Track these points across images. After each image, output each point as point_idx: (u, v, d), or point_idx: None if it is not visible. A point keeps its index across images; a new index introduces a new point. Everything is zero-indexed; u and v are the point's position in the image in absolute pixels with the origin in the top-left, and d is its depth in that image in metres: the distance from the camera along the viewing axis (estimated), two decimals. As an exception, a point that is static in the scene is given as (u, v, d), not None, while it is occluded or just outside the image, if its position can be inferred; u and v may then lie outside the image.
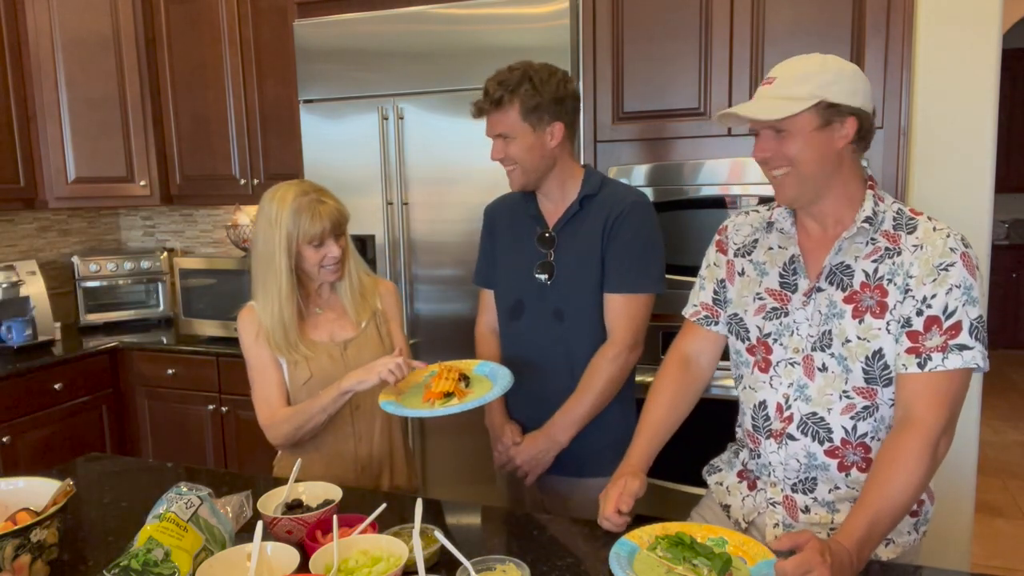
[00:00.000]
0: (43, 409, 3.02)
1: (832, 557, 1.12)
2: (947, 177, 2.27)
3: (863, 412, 1.36)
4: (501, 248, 1.95)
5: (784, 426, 1.42)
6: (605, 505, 1.42)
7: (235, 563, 1.24)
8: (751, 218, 1.56)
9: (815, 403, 1.39)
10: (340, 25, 2.75)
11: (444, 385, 1.59)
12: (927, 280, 1.29)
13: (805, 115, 1.30)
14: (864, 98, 1.33)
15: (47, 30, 3.26)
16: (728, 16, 2.31)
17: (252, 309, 1.79)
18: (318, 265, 1.74)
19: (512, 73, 1.73)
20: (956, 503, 2.33)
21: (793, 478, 1.43)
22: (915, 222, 1.35)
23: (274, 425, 1.75)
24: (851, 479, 1.39)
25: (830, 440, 1.38)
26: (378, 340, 1.85)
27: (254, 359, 1.78)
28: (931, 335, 1.28)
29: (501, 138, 1.76)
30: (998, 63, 2.19)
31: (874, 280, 1.34)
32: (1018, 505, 3.79)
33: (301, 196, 1.71)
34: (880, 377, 1.34)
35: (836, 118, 1.31)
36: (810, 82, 1.30)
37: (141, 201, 3.53)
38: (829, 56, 1.34)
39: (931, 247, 1.30)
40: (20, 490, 1.38)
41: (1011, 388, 5.72)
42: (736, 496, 1.53)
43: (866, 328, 1.33)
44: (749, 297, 1.48)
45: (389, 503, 1.45)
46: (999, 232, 6.53)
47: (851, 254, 1.37)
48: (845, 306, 1.35)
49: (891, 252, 1.34)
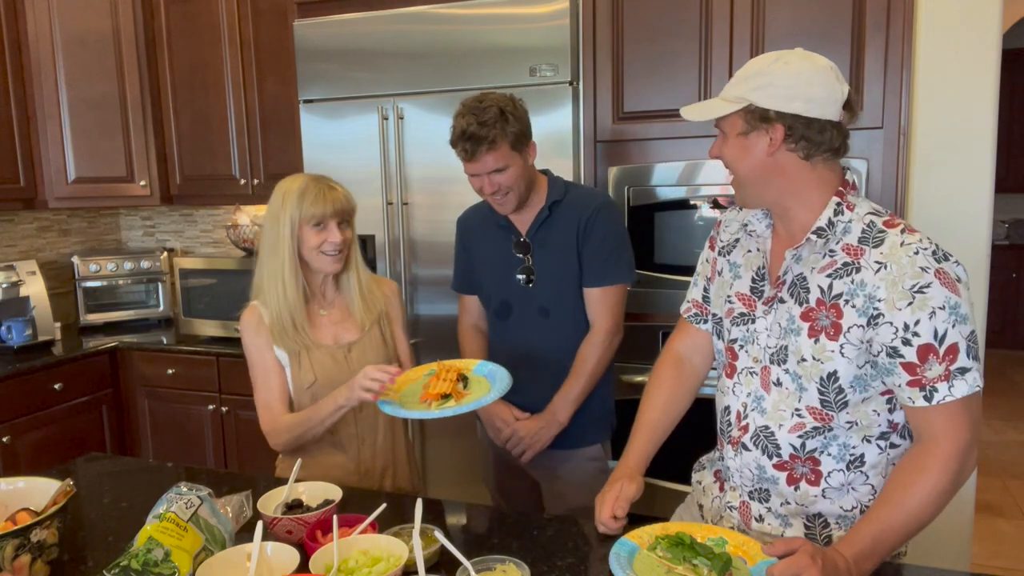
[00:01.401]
0: (43, 409, 3.02)
1: (824, 560, 1.11)
2: (947, 177, 2.27)
3: (812, 432, 1.31)
4: (480, 256, 2.06)
5: (740, 435, 1.40)
6: (601, 510, 1.42)
7: (235, 563, 1.24)
8: (740, 215, 1.50)
9: (768, 416, 1.35)
10: (340, 25, 2.75)
11: (442, 386, 1.58)
12: (901, 304, 1.19)
13: (732, 119, 1.27)
14: (805, 104, 1.22)
15: (47, 30, 3.26)
16: (728, 16, 2.31)
17: (254, 308, 1.78)
18: (318, 249, 1.72)
19: (487, 112, 1.78)
20: (956, 503, 2.31)
21: (749, 486, 1.41)
22: (884, 235, 1.24)
23: (275, 432, 1.75)
24: (800, 493, 1.35)
25: (779, 455, 1.35)
26: (382, 343, 1.85)
27: (256, 362, 1.78)
28: (929, 365, 1.19)
29: (495, 172, 1.83)
30: (998, 63, 2.19)
31: (829, 298, 1.26)
32: (1018, 505, 3.79)
33: (310, 181, 1.74)
34: (835, 402, 1.28)
35: (762, 124, 1.24)
36: (746, 84, 1.25)
37: (141, 201, 3.54)
38: (788, 55, 1.25)
39: (896, 266, 1.20)
40: (20, 490, 1.38)
41: (1011, 388, 5.72)
42: (708, 496, 1.52)
43: (820, 348, 1.27)
44: (722, 299, 1.46)
45: (389, 503, 1.45)
46: (999, 232, 6.53)
47: (808, 265, 1.30)
48: (802, 323, 1.29)
49: (849, 267, 1.25)
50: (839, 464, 1.32)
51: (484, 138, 1.78)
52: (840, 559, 1.15)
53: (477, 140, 1.78)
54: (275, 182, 1.80)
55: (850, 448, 1.31)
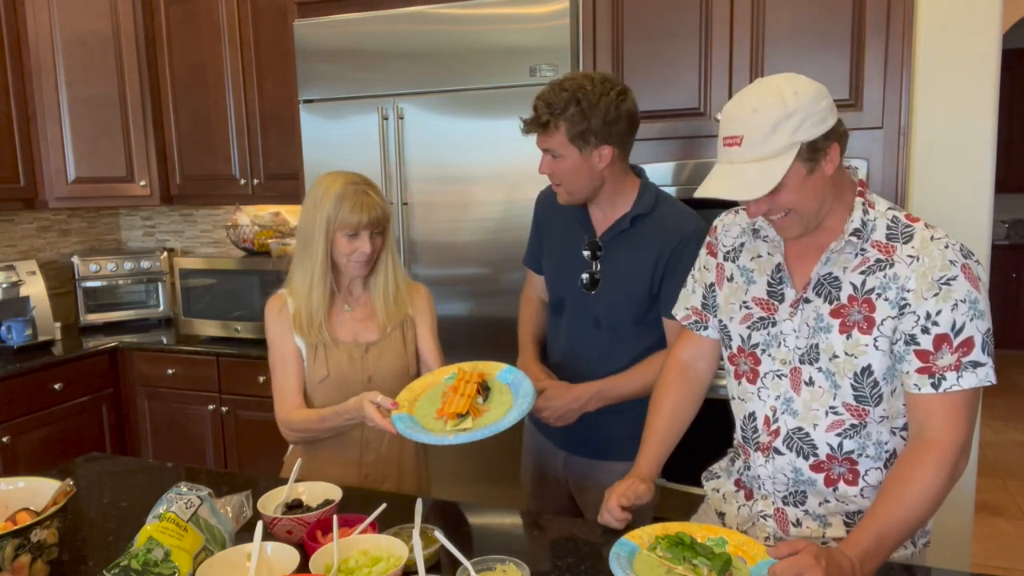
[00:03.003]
0: (43, 409, 3.02)
1: (828, 561, 1.11)
2: (947, 177, 2.27)
3: (850, 430, 1.32)
4: (549, 241, 1.96)
5: (771, 439, 1.39)
6: (609, 499, 1.43)
7: (235, 563, 1.24)
8: (740, 218, 1.49)
9: (801, 418, 1.35)
10: (340, 25, 2.75)
11: (459, 403, 1.50)
12: (928, 295, 1.22)
13: (794, 168, 1.21)
14: (832, 114, 1.24)
15: (47, 30, 3.26)
16: (728, 16, 2.31)
17: (280, 296, 1.80)
18: (347, 256, 1.73)
19: (561, 94, 1.66)
20: (956, 503, 2.33)
21: (783, 491, 1.41)
22: (911, 230, 1.27)
23: (287, 423, 1.77)
24: (839, 493, 1.36)
25: (815, 455, 1.35)
26: (402, 347, 1.83)
27: (276, 348, 1.79)
28: (942, 354, 1.22)
29: (549, 154, 1.73)
30: (998, 63, 2.19)
31: (862, 293, 1.28)
32: (1018, 505, 3.79)
33: (349, 184, 1.71)
34: (871, 396, 1.29)
35: (820, 154, 1.23)
36: (781, 132, 1.19)
37: (141, 201, 3.54)
38: (783, 85, 1.22)
39: (928, 259, 1.23)
40: (20, 490, 1.38)
41: (1011, 388, 5.72)
42: (732, 504, 1.51)
43: (853, 344, 1.28)
44: (736, 304, 1.45)
45: (389, 503, 1.45)
46: (999, 232, 6.53)
47: (839, 265, 1.31)
48: (832, 320, 1.30)
49: (883, 263, 1.27)
50: (876, 463, 1.34)
51: (538, 119, 1.68)
52: (845, 560, 1.15)
53: (534, 117, 1.69)
54: (275, 182, 1.81)
55: (883, 444, 1.33)
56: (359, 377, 1.77)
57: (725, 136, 1.25)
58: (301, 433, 1.76)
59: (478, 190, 2.61)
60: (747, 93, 1.25)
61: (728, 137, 1.24)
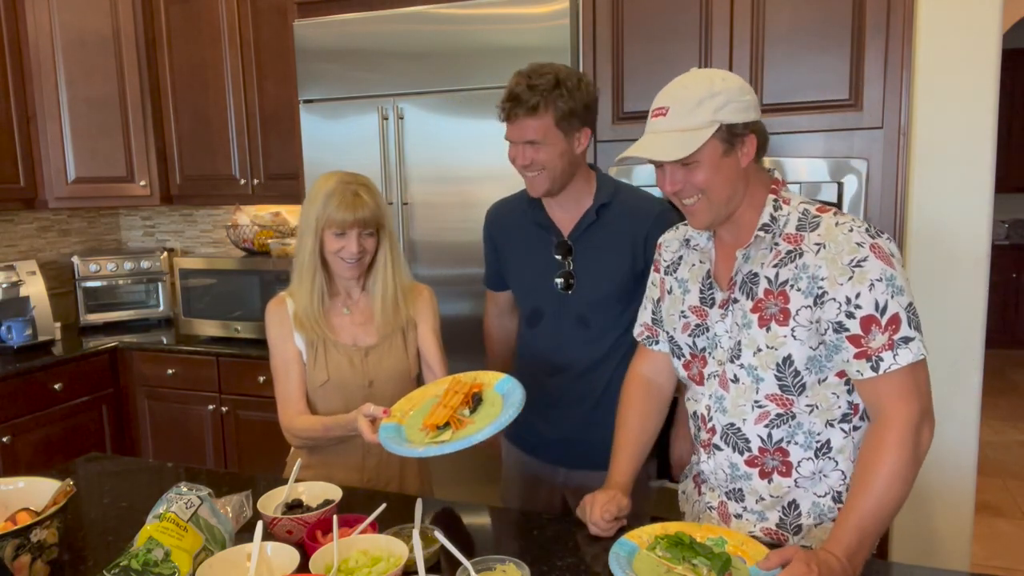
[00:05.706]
0: (43, 409, 3.02)
1: (820, 566, 1.14)
2: (947, 177, 2.27)
3: (777, 420, 1.35)
4: (510, 256, 1.92)
5: (710, 436, 1.44)
6: (592, 510, 1.43)
7: (235, 563, 1.24)
8: (678, 233, 1.54)
9: (731, 414, 1.40)
10: (340, 25, 2.75)
11: (439, 415, 1.48)
12: (842, 279, 1.25)
13: (710, 144, 1.27)
14: (755, 109, 1.31)
15: (47, 30, 3.26)
16: (728, 16, 2.31)
17: (281, 299, 1.80)
18: (334, 254, 1.72)
19: (543, 77, 1.65)
20: (956, 503, 2.33)
21: (725, 486, 1.45)
22: (818, 219, 1.31)
23: (291, 430, 1.76)
24: (774, 485, 1.38)
25: (749, 450, 1.39)
26: (402, 351, 1.82)
27: (278, 353, 1.79)
28: (873, 335, 1.24)
29: (529, 144, 1.69)
30: (998, 63, 2.19)
31: (777, 286, 1.32)
32: (1018, 505, 3.79)
33: (340, 183, 1.70)
34: (794, 386, 1.32)
35: (737, 139, 1.29)
36: (704, 107, 1.27)
37: (141, 201, 3.54)
38: (714, 73, 1.32)
39: (835, 244, 1.26)
40: (20, 490, 1.38)
41: (1011, 388, 5.72)
42: (690, 502, 1.56)
43: (773, 336, 1.32)
44: (675, 315, 1.49)
45: (389, 503, 1.45)
46: (999, 232, 6.53)
47: (757, 261, 1.35)
48: (752, 315, 1.34)
49: (792, 254, 1.31)
50: (807, 452, 1.36)
51: (526, 101, 1.64)
52: (833, 559, 1.17)
53: (519, 101, 1.65)
54: (275, 182, 1.81)
55: (815, 435, 1.35)
56: (359, 381, 1.77)
57: (654, 108, 1.33)
58: (305, 440, 1.76)
59: (478, 190, 2.61)
60: (681, 76, 1.34)
61: (656, 109, 1.32)
